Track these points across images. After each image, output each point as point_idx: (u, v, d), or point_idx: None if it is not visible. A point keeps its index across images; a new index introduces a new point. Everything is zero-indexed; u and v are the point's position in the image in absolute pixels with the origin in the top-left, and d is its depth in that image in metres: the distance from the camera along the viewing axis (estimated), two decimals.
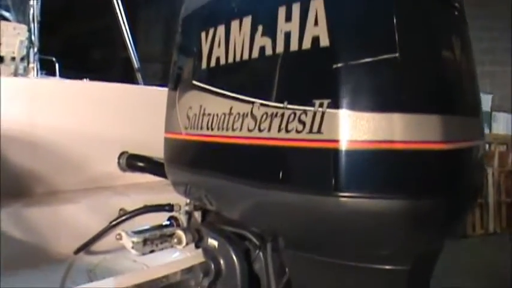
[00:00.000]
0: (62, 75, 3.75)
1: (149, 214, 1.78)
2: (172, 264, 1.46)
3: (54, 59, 4.00)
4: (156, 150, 2.18)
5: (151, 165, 2.21)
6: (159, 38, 10.19)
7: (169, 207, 1.57)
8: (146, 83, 3.39)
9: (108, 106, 2.31)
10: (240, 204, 1.23)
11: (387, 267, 1.12)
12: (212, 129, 1.24)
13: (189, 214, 1.55)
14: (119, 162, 2.29)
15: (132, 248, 1.41)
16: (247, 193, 1.14)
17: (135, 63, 3.48)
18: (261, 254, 1.38)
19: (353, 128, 0.97)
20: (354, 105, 0.97)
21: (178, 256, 1.60)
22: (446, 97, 1.05)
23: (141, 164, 2.22)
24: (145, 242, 1.42)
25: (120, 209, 1.97)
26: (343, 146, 0.96)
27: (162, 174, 2.17)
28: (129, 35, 3.49)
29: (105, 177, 2.28)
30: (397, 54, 0.97)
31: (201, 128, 1.28)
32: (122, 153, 2.29)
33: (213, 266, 1.40)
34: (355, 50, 1.00)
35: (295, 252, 1.25)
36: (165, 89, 2.69)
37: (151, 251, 1.44)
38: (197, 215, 1.57)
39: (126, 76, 3.63)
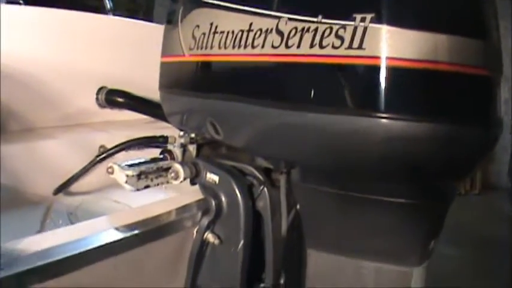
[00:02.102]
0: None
1: (133, 152, 1.65)
2: (165, 202, 1.35)
3: None
4: (138, 87, 2.06)
5: (132, 101, 2.07)
6: None
7: (163, 139, 1.44)
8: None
9: (87, 37, 2.14)
10: (257, 129, 1.11)
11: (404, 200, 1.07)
12: (226, 48, 1.12)
13: (184, 147, 1.43)
14: (97, 98, 2.13)
15: (126, 182, 1.28)
16: (269, 116, 1.03)
17: None
18: (265, 189, 1.29)
19: (397, 45, 0.87)
20: (399, 21, 0.88)
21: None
22: (486, 24, 0.97)
23: (121, 100, 2.07)
24: (140, 176, 1.30)
25: (101, 146, 1.85)
26: (386, 63, 0.87)
27: (144, 111, 2.06)
28: None
29: (82, 113, 2.13)
30: None
31: (211, 47, 1.16)
32: (100, 88, 2.13)
33: (213, 203, 1.30)
34: None
35: (311, 185, 1.15)
36: (149, 23, 2.56)
37: (146, 187, 1.31)
38: (192, 148, 1.45)
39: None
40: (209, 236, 1.32)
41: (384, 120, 0.88)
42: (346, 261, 1.20)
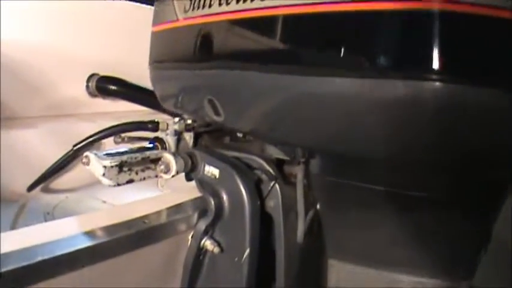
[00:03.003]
0: None
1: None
2: (152, 200, 1.10)
3: None
4: (132, 75, 1.83)
5: (126, 89, 1.83)
6: None
7: (153, 125, 1.20)
8: None
9: (78, 20, 1.90)
10: (267, 104, 0.85)
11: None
12: (228, 3, 0.87)
13: (178, 136, 1.19)
14: (87, 86, 1.89)
15: (103, 175, 1.04)
16: (284, 85, 0.78)
17: None
18: (277, 186, 1.04)
19: None
20: None
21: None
22: None
23: (113, 88, 1.84)
24: (121, 167, 1.06)
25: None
26: (442, 6, 0.62)
27: (140, 100, 1.82)
28: None
29: (72, 103, 1.89)
30: None
31: (210, 5, 0.92)
32: (91, 75, 1.89)
33: (213, 203, 1.05)
34: None
35: (335, 179, 0.90)
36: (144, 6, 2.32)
37: (129, 181, 1.07)
38: (188, 137, 1.21)
39: None
40: (207, 243, 1.07)
41: (437, 84, 0.62)
42: (376, 274, 0.97)
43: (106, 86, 1.81)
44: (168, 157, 1.07)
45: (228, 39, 0.88)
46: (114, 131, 1.29)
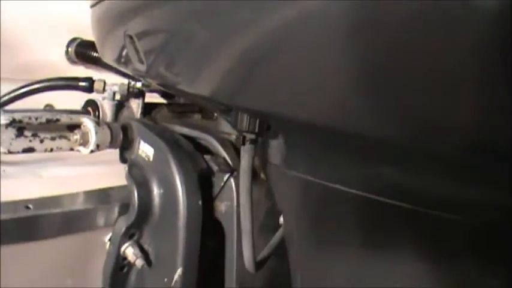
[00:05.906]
0: None
1: None
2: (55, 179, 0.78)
3: None
4: None
5: None
6: None
7: (86, 84, 0.88)
8: None
9: None
10: (212, 35, 0.47)
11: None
12: None
13: (120, 102, 0.86)
14: (67, 51, 1.59)
15: None
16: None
17: None
18: (232, 183, 0.70)
19: None
20: None
21: None
22: None
23: (95, 54, 1.52)
24: (21, 130, 0.74)
25: (46, 105, 1.30)
26: None
27: (124, 72, 1.51)
28: None
29: (46, 68, 1.59)
30: None
31: None
32: (72, 40, 1.59)
33: (136, 195, 0.72)
34: None
35: (312, 179, 0.56)
36: None
37: (28, 150, 0.75)
38: (135, 105, 0.88)
39: None
40: (128, 252, 0.74)
41: None
42: None
43: (88, 52, 1.50)
44: (88, 124, 0.74)
45: None
46: (35, 89, 0.97)
